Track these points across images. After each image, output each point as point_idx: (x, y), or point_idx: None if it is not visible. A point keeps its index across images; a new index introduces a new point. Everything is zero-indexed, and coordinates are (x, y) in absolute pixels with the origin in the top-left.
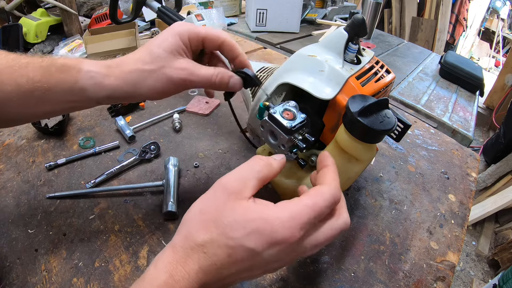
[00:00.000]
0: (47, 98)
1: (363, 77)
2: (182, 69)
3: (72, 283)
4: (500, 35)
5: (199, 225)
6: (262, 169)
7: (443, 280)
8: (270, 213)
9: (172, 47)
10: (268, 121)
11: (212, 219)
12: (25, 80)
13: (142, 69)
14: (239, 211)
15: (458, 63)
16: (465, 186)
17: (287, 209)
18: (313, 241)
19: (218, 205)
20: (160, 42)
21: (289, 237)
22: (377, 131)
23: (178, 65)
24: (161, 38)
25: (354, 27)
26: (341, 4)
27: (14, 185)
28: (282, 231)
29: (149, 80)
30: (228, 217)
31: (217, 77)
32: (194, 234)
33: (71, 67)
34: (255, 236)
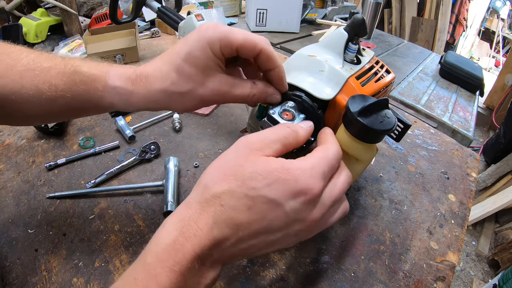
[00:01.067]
0: (71, 106)
1: (363, 77)
2: (215, 91)
3: (72, 283)
4: (500, 35)
5: (217, 177)
6: (288, 136)
7: (443, 280)
8: (292, 164)
9: (202, 62)
10: (267, 122)
11: (232, 171)
12: (47, 87)
13: (171, 91)
14: (260, 163)
15: (458, 63)
16: (465, 186)
17: (307, 161)
18: (331, 194)
19: (239, 158)
20: (187, 55)
21: (312, 187)
22: (377, 131)
23: (211, 85)
24: (188, 48)
25: (354, 27)
26: (341, 4)
27: (14, 185)
28: (305, 180)
29: (178, 101)
30: (248, 168)
31: (253, 98)
32: (211, 186)
33: (96, 79)
34: (277, 185)
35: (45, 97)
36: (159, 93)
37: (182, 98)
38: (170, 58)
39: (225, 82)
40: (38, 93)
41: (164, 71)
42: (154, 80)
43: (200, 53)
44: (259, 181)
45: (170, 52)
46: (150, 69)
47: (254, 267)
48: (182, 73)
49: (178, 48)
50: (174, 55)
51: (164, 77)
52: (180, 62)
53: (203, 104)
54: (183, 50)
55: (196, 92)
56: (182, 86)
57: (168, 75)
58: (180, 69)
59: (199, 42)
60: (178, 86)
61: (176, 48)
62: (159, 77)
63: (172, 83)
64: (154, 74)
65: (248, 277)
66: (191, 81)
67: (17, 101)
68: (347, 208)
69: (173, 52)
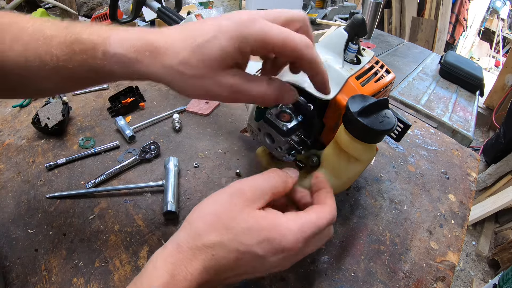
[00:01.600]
0: (75, 77)
1: (363, 77)
2: (228, 87)
3: (72, 283)
4: (500, 35)
5: (210, 227)
6: (278, 186)
7: (443, 280)
8: (282, 223)
9: (225, 55)
10: (265, 123)
11: (225, 223)
12: (49, 58)
13: (179, 72)
14: (252, 219)
15: (458, 63)
16: (465, 186)
17: (296, 222)
18: (312, 249)
19: (232, 210)
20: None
21: (295, 247)
22: (377, 131)
23: (225, 81)
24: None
25: (354, 27)
26: (341, 4)
27: (14, 185)
28: (289, 241)
29: (182, 84)
30: (241, 224)
31: (270, 97)
32: (204, 236)
33: (96, 46)
34: (265, 244)
35: (48, 68)
36: (164, 69)
37: (188, 83)
38: (190, 36)
39: (242, 79)
40: (41, 64)
41: (178, 47)
42: (163, 53)
43: (226, 45)
44: (250, 239)
45: (192, 27)
46: (162, 41)
47: None
48: (202, 61)
49: (204, 28)
50: (196, 34)
51: (176, 54)
52: (200, 45)
53: (209, 97)
54: (208, 33)
55: (206, 83)
56: (192, 71)
57: (181, 54)
58: (197, 52)
59: (230, 34)
60: (188, 70)
61: (201, 26)
62: (170, 53)
63: (182, 63)
64: (165, 47)
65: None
66: (205, 69)
67: (22, 74)
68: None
69: (195, 29)
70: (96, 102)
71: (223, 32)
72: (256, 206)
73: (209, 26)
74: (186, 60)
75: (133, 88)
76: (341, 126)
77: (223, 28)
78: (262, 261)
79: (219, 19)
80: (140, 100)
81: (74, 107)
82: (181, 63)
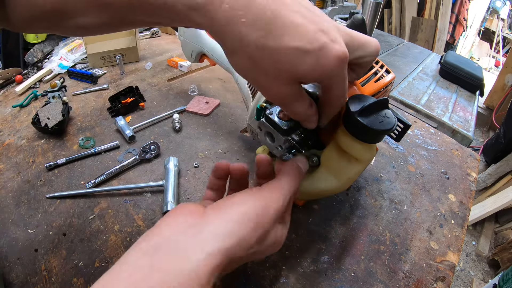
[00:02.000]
0: (118, 11)
1: (363, 77)
2: (281, 95)
3: (72, 283)
4: (500, 35)
5: (256, 239)
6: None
7: (443, 280)
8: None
9: (304, 77)
10: (265, 122)
11: (264, 236)
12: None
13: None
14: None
15: (458, 63)
16: (465, 186)
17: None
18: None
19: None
20: (302, 60)
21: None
22: (377, 131)
23: (284, 90)
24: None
25: (354, 27)
26: (341, 4)
27: (14, 185)
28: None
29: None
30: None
31: (299, 118)
32: (251, 247)
33: (200, 8)
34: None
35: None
36: (238, 36)
37: (250, 66)
38: (288, 26)
39: (296, 94)
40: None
41: (273, 26)
42: (246, 14)
43: (312, 71)
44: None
45: (298, 14)
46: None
47: (254, 267)
48: (279, 55)
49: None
50: (292, 29)
51: (263, 31)
52: (289, 47)
53: (259, 89)
54: (302, 41)
55: (268, 80)
56: (267, 65)
57: (268, 36)
58: (282, 50)
59: (323, 68)
60: (262, 57)
61: (305, 30)
62: (257, 24)
63: (262, 48)
64: (254, 9)
65: (248, 277)
66: (280, 73)
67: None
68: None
69: (295, 23)
70: (96, 102)
71: (323, 58)
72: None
73: (314, 33)
74: (272, 51)
75: (133, 88)
76: (341, 126)
77: (325, 53)
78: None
79: (326, 32)
80: (140, 100)
81: (74, 107)
82: (263, 48)
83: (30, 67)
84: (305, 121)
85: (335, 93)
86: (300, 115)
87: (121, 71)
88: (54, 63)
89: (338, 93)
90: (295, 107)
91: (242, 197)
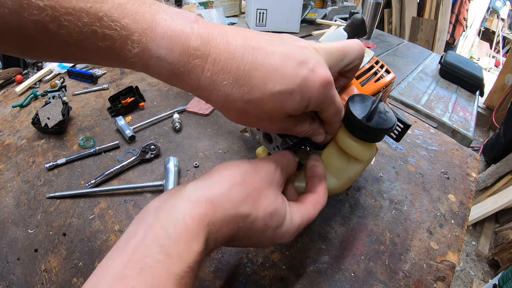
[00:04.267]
0: (89, 55)
1: (363, 77)
2: (280, 128)
3: (72, 283)
4: (500, 35)
5: (242, 196)
6: (293, 168)
7: (443, 280)
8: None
9: (294, 111)
10: None
11: (255, 197)
12: (55, 28)
13: (247, 112)
14: (277, 204)
15: (458, 63)
16: (465, 186)
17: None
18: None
19: (260, 186)
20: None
21: (293, 237)
22: (377, 131)
23: (280, 124)
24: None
25: (354, 27)
26: (341, 4)
27: (14, 185)
28: (292, 233)
29: (245, 119)
30: (269, 206)
31: (305, 134)
32: (237, 205)
33: (131, 36)
34: (277, 230)
35: (55, 41)
36: (224, 97)
37: (247, 118)
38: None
39: (293, 122)
40: (45, 34)
41: (253, 79)
42: (227, 77)
43: (301, 104)
44: (271, 222)
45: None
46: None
47: (254, 267)
48: (271, 105)
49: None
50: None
51: (245, 87)
52: (279, 93)
53: (257, 127)
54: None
55: (264, 122)
56: (258, 112)
57: (251, 90)
58: (272, 100)
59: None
60: (254, 110)
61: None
62: (239, 82)
63: (249, 102)
64: (233, 69)
65: (248, 277)
66: (271, 115)
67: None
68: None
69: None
70: (96, 102)
71: (307, 89)
72: (280, 188)
73: (294, 69)
74: (259, 102)
75: (133, 88)
76: (341, 126)
77: (309, 84)
78: (265, 241)
79: (305, 63)
80: (140, 100)
81: (74, 107)
82: (250, 102)
83: (30, 67)
84: (312, 136)
85: (330, 113)
86: (306, 133)
87: (121, 71)
88: (54, 63)
89: (332, 112)
90: (297, 130)
91: (233, 162)
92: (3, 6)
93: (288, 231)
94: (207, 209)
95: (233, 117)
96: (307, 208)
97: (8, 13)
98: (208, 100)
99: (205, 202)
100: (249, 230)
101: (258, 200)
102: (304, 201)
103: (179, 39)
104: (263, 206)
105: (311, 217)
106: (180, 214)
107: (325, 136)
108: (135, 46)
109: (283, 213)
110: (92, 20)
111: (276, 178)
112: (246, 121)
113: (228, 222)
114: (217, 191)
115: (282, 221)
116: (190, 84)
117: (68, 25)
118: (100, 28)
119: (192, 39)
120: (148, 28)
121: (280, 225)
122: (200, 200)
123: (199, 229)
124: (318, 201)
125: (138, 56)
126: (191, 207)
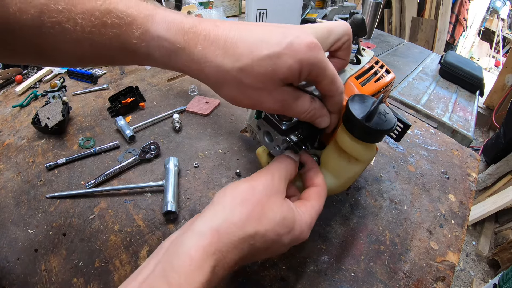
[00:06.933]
0: (100, 53)
1: (363, 77)
2: (278, 102)
3: (72, 283)
4: (500, 35)
5: (247, 215)
6: (292, 172)
7: (443, 280)
8: (301, 217)
9: (289, 75)
10: (264, 121)
11: (260, 212)
12: (71, 26)
13: (240, 81)
14: (284, 211)
15: (458, 63)
16: (465, 186)
17: (308, 215)
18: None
19: (261, 200)
20: (281, 60)
21: (307, 236)
22: (377, 131)
23: (279, 97)
24: (283, 49)
25: (354, 27)
26: (341, 4)
27: (14, 185)
28: (306, 234)
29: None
30: (277, 215)
31: (308, 115)
32: (243, 226)
33: (133, 22)
34: (291, 235)
35: (70, 37)
36: (217, 72)
37: (242, 92)
38: (255, 43)
39: (292, 95)
40: (62, 33)
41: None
42: (221, 53)
43: (294, 66)
44: (282, 229)
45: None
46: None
47: (254, 267)
48: (263, 70)
49: (273, 38)
50: (263, 44)
51: (237, 59)
52: (269, 57)
53: (256, 107)
54: (278, 47)
55: (261, 94)
56: (252, 81)
57: (243, 60)
58: (263, 65)
59: (300, 56)
60: (248, 79)
61: (269, 35)
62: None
63: (242, 70)
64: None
65: (248, 277)
66: (266, 83)
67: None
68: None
69: (262, 38)
70: (96, 102)
71: (294, 52)
72: (282, 195)
73: (278, 38)
74: (249, 68)
75: (133, 88)
76: (341, 127)
77: (295, 47)
78: (283, 247)
79: (288, 34)
80: (140, 100)
81: (74, 107)
82: (241, 70)
83: (30, 67)
84: (316, 118)
85: (326, 82)
86: (307, 113)
87: (121, 71)
88: None
89: (329, 80)
90: (297, 106)
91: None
92: (27, 12)
93: (302, 231)
94: (212, 239)
95: (228, 92)
96: (312, 204)
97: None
98: (202, 73)
99: (209, 232)
100: (262, 244)
101: (263, 215)
102: (308, 197)
103: (175, 23)
104: (269, 218)
105: (318, 211)
106: (186, 248)
107: (330, 118)
108: (139, 28)
109: (292, 217)
110: (102, 14)
111: (275, 187)
112: (241, 96)
113: (237, 244)
114: (220, 218)
115: (293, 225)
116: (185, 59)
117: (82, 22)
118: (110, 19)
119: (185, 22)
120: (149, 15)
121: (292, 229)
122: (204, 232)
123: (204, 260)
124: (320, 194)
125: (141, 38)
126: (196, 239)
